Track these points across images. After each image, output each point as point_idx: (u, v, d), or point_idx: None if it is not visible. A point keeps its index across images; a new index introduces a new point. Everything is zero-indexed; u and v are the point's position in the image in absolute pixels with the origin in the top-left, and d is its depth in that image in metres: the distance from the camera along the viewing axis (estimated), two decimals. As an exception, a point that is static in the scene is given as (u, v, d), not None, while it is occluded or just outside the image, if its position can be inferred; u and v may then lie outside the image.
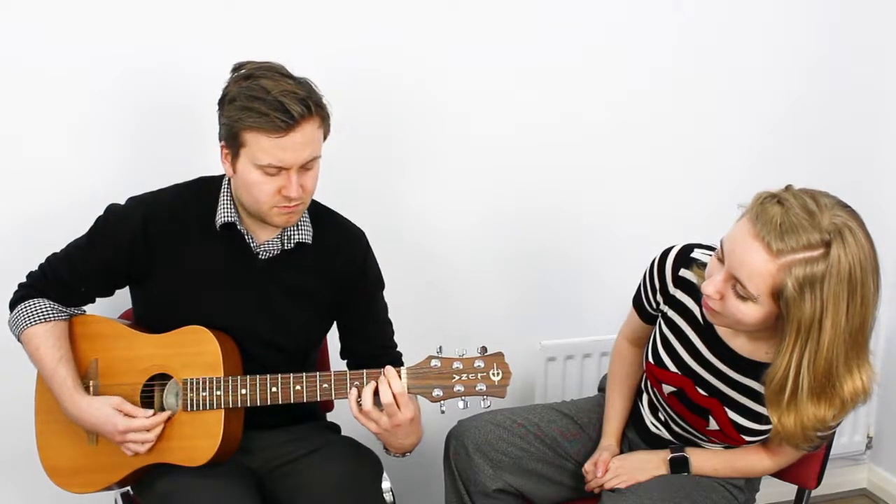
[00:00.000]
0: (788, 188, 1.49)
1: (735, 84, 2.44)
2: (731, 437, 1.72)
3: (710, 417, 1.71)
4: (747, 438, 1.71)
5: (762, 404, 1.61)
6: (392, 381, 1.56)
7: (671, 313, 1.75)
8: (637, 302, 1.84)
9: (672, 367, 1.74)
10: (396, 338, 1.87)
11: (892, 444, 2.81)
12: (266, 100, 1.54)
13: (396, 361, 1.80)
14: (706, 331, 1.69)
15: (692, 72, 2.39)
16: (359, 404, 1.58)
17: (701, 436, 1.77)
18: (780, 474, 1.85)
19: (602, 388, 2.03)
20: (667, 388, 1.76)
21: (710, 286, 1.52)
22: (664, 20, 2.34)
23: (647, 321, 1.84)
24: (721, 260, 1.51)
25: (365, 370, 1.60)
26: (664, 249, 1.77)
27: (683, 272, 1.71)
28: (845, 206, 1.47)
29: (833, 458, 1.88)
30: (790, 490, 1.90)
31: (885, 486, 2.84)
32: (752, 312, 1.49)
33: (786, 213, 1.42)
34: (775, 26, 2.44)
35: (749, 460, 1.77)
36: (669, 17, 2.34)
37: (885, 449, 2.83)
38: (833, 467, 2.03)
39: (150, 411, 1.66)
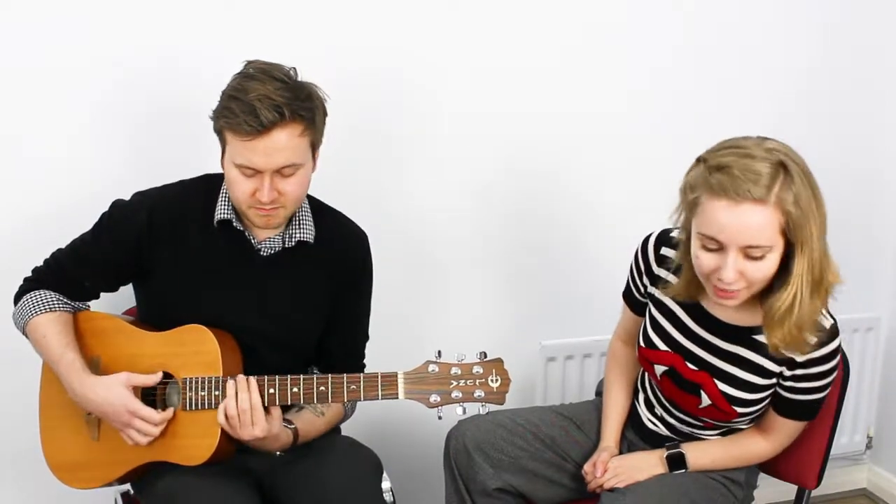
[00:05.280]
0: (700, 159, 1.57)
1: (735, 84, 2.44)
2: (723, 411, 1.72)
3: (702, 392, 1.72)
4: (739, 410, 1.71)
5: (749, 372, 1.67)
6: (241, 395, 1.56)
7: (658, 294, 1.78)
8: (626, 293, 1.88)
9: (662, 346, 1.77)
10: (398, 336, 1.87)
11: (892, 444, 2.81)
12: (242, 101, 1.55)
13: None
14: (691, 305, 1.73)
15: (692, 71, 2.39)
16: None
17: (695, 419, 1.78)
18: (780, 474, 1.85)
19: (599, 393, 2.03)
20: (659, 369, 1.78)
21: (729, 272, 1.53)
22: (664, 18, 2.33)
23: (637, 312, 1.87)
24: (715, 248, 1.53)
25: (361, 374, 1.59)
26: (644, 236, 1.81)
27: (665, 250, 1.76)
28: (755, 135, 1.57)
29: (833, 458, 1.88)
30: (790, 490, 1.90)
31: (885, 486, 2.84)
32: (771, 264, 1.54)
33: (735, 169, 1.49)
34: (775, 25, 2.44)
35: (745, 445, 1.78)
36: (670, 14, 2.34)
37: (885, 449, 2.83)
38: (833, 467, 2.02)
39: (160, 374, 1.65)
